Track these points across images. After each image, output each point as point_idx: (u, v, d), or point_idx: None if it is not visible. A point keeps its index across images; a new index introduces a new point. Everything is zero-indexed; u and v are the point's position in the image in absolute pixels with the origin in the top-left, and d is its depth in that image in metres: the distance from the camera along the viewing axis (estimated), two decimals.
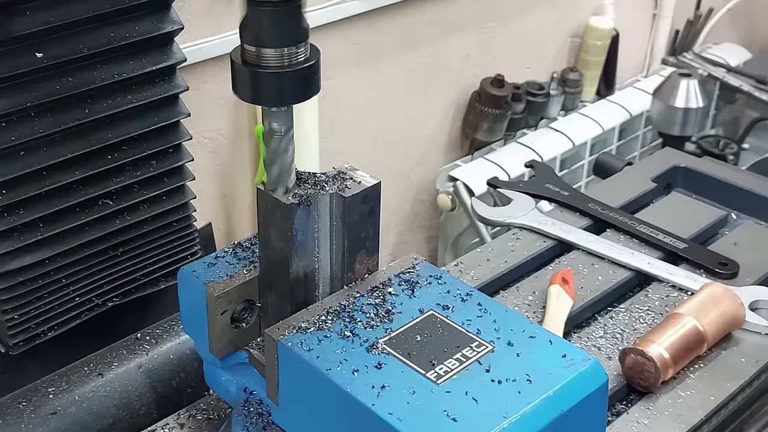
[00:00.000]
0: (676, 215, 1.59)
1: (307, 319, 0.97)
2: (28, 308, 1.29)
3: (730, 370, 1.24)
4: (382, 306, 0.99)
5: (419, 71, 2.60)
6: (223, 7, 2.04)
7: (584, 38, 3.01)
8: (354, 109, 2.48)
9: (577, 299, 1.35)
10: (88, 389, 1.23)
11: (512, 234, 1.52)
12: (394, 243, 2.78)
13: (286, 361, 0.94)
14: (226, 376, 1.09)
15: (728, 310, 1.27)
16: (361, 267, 1.03)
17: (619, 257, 1.43)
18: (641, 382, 1.20)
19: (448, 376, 0.90)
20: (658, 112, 2.72)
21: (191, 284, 1.05)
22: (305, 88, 0.93)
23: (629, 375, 1.21)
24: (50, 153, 1.23)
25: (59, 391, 1.22)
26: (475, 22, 2.70)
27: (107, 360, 1.27)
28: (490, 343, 0.94)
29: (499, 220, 1.54)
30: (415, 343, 0.94)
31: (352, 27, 2.36)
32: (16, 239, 1.23)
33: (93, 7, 1.22)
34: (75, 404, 1.21)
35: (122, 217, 1.34)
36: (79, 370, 1.25)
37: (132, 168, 1.33)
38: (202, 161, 2.13)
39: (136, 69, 1.29)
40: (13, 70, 1.17)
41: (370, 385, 0.88)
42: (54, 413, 1.19)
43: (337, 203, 0.99)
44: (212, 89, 2.10)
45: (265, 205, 0.98)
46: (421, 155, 2.73)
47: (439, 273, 1.04)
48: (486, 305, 1.00)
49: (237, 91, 0.94)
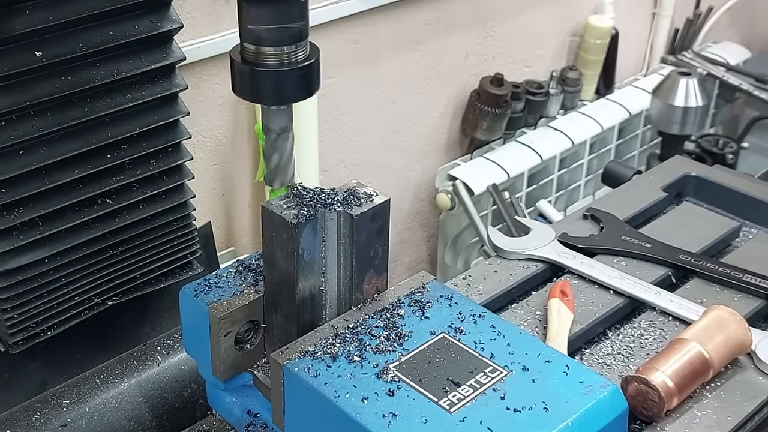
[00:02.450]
0: (687, 226, 1.55)
1: (314, 342, 0.93)
2: (27, 307, 1.29)
3: (747, 388, 1.19)
4: (392, 328, 0.95)
5: (419, 70, 2.60)
6: (223, 6, 2.04)
7: (584, 37, 3.01)
8: (353, 108, 2.47)
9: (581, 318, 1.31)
10: (99, 401, 1.21)
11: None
12: (393, 242, 2.78)
13: (292, 387, 0.91)
14: (230, 398, 1.05)
15: (734, 334, 1.20)
16: (370, 287, 0.99)
17: (623, 285, 1.37)
18: (644, 412, 1.14)
19: (462, 404, 0.86)
20: (658, 111, 2.72)
21: (193, 305, 1.02)
22: (305, 87, 0.93)
23: (632, 404, 1.14)
24: (49, 152, 1.23)
25: (70, 403, 1.20)
26: (475, 21, 2.70)
27: (118, 371, 1.25)
28: (505, 368, 0.91)
29: (517, 251, 1.45)
30: (427, 367, 0.90)
31: (352, 26, 2.36)
32: (15, 238, 1.23)
33: (92, 6, 1.22)
34: (86, 416, 1.19)
35: (122, 216, 1.34)
36: (89, 382, 1.23)
37: (131, 167, 1.33)
38: (201, 160, 2.13)
39: (135, 68, 1.29)
40: (12, 69, 1.17)
41: (381, 414, 0.85)
42: (65, 425, 1.17)
43: (345, 221, 0.95)
44: (212, 88, 2.10)
45: (270, 223, 0.95)
46: (421, 154, 2.73)
47: (451, 293, 1.01)
48: (499, 327, 0.96)
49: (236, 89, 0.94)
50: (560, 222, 1.63)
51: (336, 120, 2.44)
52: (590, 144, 2.90)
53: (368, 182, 1.10)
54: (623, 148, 3.07)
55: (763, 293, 1.35)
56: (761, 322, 1.35)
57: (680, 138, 2.73)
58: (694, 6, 3.33)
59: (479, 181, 2.60)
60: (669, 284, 1.42)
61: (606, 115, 2.96)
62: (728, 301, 1.34)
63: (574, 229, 1.52)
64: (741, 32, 3.68)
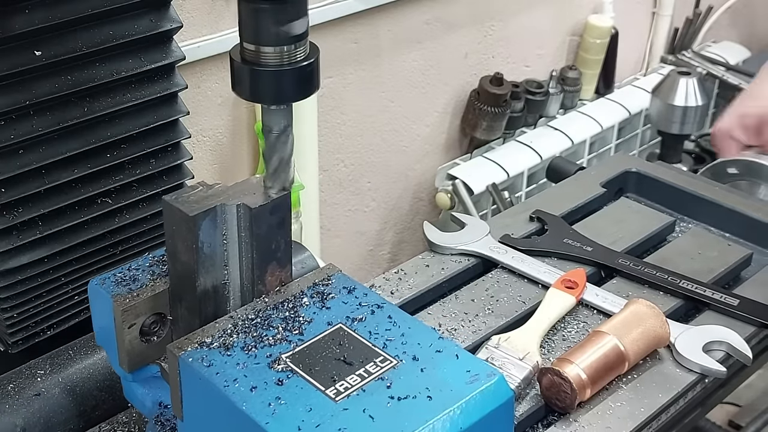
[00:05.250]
0: (622, 221, 1.57)
1: (212, 333, 0.94)
2: (27, 307, 1.29)
3: (663, 381, 1.22)
4: (290, 319, 0.96)
5: (418, 69, 2.60)
6: (223, 6, 2.04)
7: (583, 36, 3.01)
8: (353, 108, 2.48)
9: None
10: (71, 371, 1.24)
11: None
12: (392, 242, 2.78)
13: (187, 378, 0.92)
14: (142, 389, 1.07)
15: (651, 328, 1.24)
16: (273, 279, 1.00)
17: (551, 280, 1.40)
18: (558, 403, 1.17)
19: (347, 393, 0.88)
20: (657, 111, 2.72)
21: (100, 297, 1.03)
22: (304, 86, 0.93)
23: (547, 395, 1.18)
24: (49, 151, 1.23)
25: (44, 373, 1.23)
26: (474, 21, 2.70)
27: (91, 344, 1.27)
28: (395, 357, 0.92)
29: (449, 246, 1.47)
30: (319, 358, 0.92)
31: (351, 25, 2.36)
32: (14, 237, 1.23)
33: (92, 5, 1.22)
34: (58, 386, 1.21)
35: (121, 216, 1.34)
36: (63, 354, 1.26)
37: (131, 166, 1.33)
38: (201, 159, 2.13)
39: (135, 67, 1.28)
40: (11, 68, 1.17)
41: (267, 403, 0.86)
42: (38, 395, 1.19)
43: (244, 214, 0.96)
44: (211, 87, 2.10)
45: (170, 216, 0.95)
46: (420, 154, 2.73)
47: (354, 285, 1.02)
48: (396, 318, 0.97)
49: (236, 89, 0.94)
50: (498, 217, 1.67)
51: (336, 120, 2.44)
52: (590, 143, 2.90)
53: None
54: (623, 147, 3.07)
55: (681, 293, 1.40)
56: (682, 320, 1.37)
57: (680, 137, 2.73)
58: (694, 5, 3.33)
59: (479, 181, 2.60)
60: (598, 279, 1.45)
61: (606, 114, 2.96)
62: (653, 297, 1.38)
63: (513, 224, 1.55)
64: (741, 32, 3.68)
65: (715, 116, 3.33)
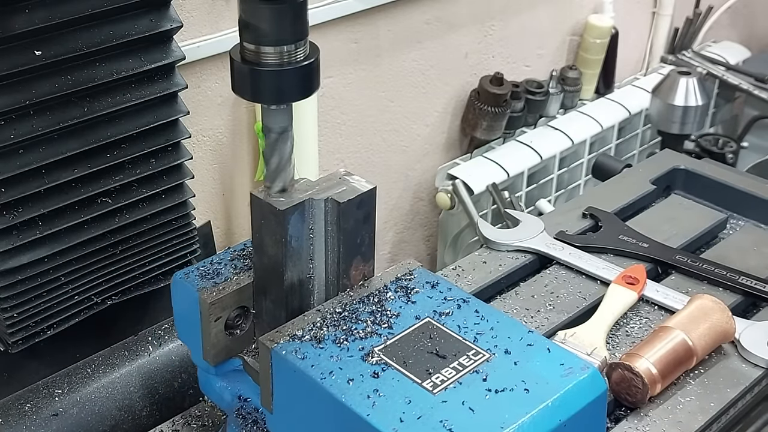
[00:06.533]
0: (674, 218, 1.57)
1: (302, 326, 0.95)
2: (27, 306, 1.29)
3: (730, 376, 1.22)
4: (378, 313, 0.97)
5: (418, 69, 2.60)
6: (223, 5, 2.04)
7: (583, 36, 3.01)
8: (353, 107, 2.47)
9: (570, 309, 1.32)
10: (89, 390, 1.23)
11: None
12: (392, 242, 2.78)
13: (280, 370, 0.93)
14: (221, 383, 1.07)
15: (718, 323, 1.23)
16: (357, 273, 1.01)
17: (609, 276, 1.39)
18: (628, 398, 1.17)
19: (444, 386, 0.88)
20: (658, 111, 2.72)
21: (185, 290, 1.03)
22: (304, 86, 0.93)
23: (616, 390, 1.17)
24: (49, 151, 1.23)
25: (61, 392, 1.21)
26: (474, 21, 2.70)
27: (109, 361, 1.27)
28: (488, 351, 0.93)
29: (506, 243, 1.48)
30: (412, 351, 0.93)
31: (351, 25, 2.36)
32: (15, 237, 1.23)
33: (92, 5, 1.22)
34: (77, 406, 1.21)
35: (121, 216, 1.34)
36: (81, 372, 1.25)
37: (131, 166, 1.33)
38: (201, 159, 2.13)
39: (135, 67, 1.29)
40: (12, 68, 1.17)
41: (365, 395, 0.87)
42: (56, 414, 1.19)
43: (332, 209, 0.97)
44: (211, 87, 2.10)
45: (259, 210, 0.96)
46: (420, 153, 2.73)
47: (436, 279, 1.03)
48: (483, 312, 0.98)
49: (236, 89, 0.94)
50: (550, 214, 1.66)
51: (336, 120, 2.44)
52: (590, 143, 2.90)
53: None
54: (623, 147, 3.07)
55: (740, 289, 1.39)
56: (741, 315, 1.37)
57: (680, 137, 2.73)
58: (694, 5, 3.33)
59: (479, 181, 2.60)
60: (655, 275, 1.44)
61: (606, 114, 2.96)
62: (712, 293, 1.37)
63: (566, 221, 1.55)
64: (741, 32, 3.68)
65: (715, 116, 3.33)
